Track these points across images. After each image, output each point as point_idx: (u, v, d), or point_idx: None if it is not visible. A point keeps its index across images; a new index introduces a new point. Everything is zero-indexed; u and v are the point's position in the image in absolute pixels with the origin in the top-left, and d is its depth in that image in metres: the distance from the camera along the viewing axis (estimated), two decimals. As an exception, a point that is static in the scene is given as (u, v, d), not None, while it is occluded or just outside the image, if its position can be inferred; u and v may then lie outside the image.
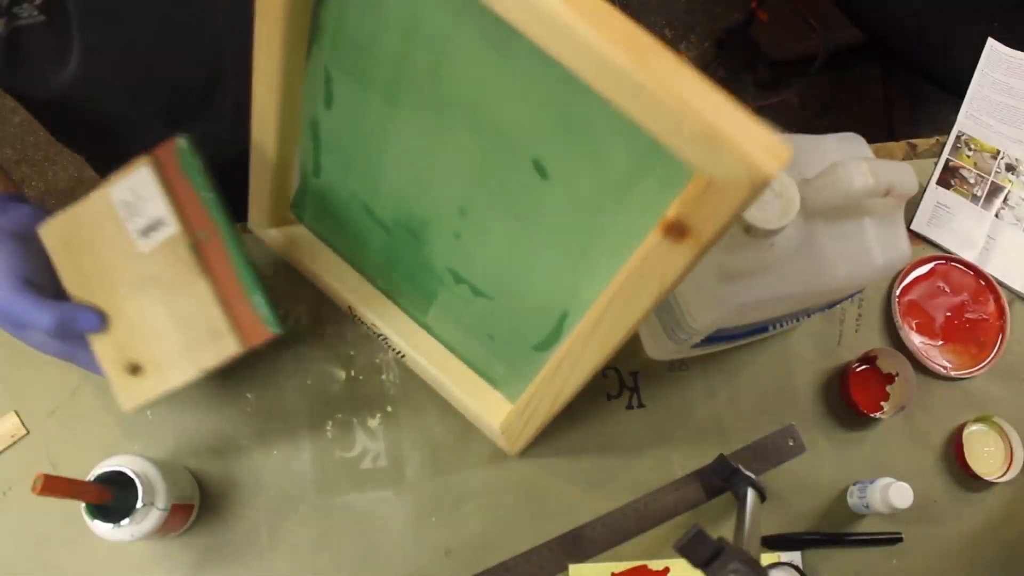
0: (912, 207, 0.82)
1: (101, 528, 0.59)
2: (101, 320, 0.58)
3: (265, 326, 0.57)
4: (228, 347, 0.57)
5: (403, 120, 0.52)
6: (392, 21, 0.46)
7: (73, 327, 0.57)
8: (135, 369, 0.58)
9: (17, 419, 0.70)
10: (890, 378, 0.77)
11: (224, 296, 0.57)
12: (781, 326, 0.72)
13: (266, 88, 0.56)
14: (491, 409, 0.69)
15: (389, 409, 0.72)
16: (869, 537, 0.72)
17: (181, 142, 0.58)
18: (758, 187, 0.35)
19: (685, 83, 0.35)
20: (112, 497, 0.59)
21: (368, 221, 0.64)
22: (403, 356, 0.71)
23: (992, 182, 0.84)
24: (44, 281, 0.58)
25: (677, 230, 0.40)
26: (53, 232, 0.59)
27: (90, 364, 0.59)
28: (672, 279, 0.43)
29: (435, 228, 0.58)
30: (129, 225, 0.58)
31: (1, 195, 0.60)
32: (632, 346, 0.75)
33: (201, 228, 0.58)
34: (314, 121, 0.59)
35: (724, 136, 0.35)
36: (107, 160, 0.88)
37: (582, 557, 0.69)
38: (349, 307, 0.71)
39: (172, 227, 0.57)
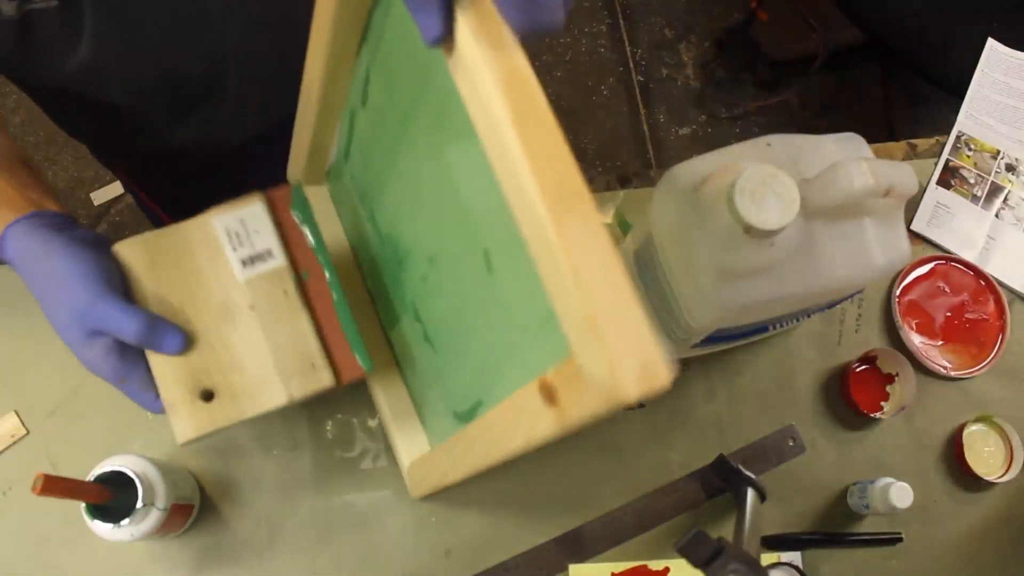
0: (912, 207, 0.82)
1: (101, 528, 0.59)
2: (185, 339, 0.56)
3: (360, 365, 0.59)
4: (322, 379, 0.58)
5: (407, 149, 0.52)
6: (416, 56, 0.46)
7: (157, 338, 0.55)
8: (208, 396, 0.57)
9: (17, 419, 0.70)
10: (890, 378, 0.77)
11: (323, 332, 0.59)
12: (781, 326, 0.72)
13: (315, 61, 0.55)
14: (410, 445, 0.68)
15: (389, 409, 0.72)
16: (869, 537, 0.72)
17: (296, 187, 0.61)
18: (612, 405, 0.33)
19: (595, 263, 0.32)
20: (112, 497, 0.59)
21: (370, 224, 0.65)
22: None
23: (992, 182, 0.84)
24: (123, 290, 0.56)
25: (548, 394, 0.39)
26: (135, 250, 0.58)
27: (139, 391, 0.57)
28: (536, 438, 0.41)
29: (411, 262, 0.59)
30: (231, 253, 0.59)
31: (61, 214, 0.59)
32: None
33: (306, 268, 0.60)
34: (353, 110, 0.60)
35: (601, 337, 0.32)
36: (110, 149, 0.88)
37: (582, 557, 0.69)
38: None
39: (279, 260, 0.59)
